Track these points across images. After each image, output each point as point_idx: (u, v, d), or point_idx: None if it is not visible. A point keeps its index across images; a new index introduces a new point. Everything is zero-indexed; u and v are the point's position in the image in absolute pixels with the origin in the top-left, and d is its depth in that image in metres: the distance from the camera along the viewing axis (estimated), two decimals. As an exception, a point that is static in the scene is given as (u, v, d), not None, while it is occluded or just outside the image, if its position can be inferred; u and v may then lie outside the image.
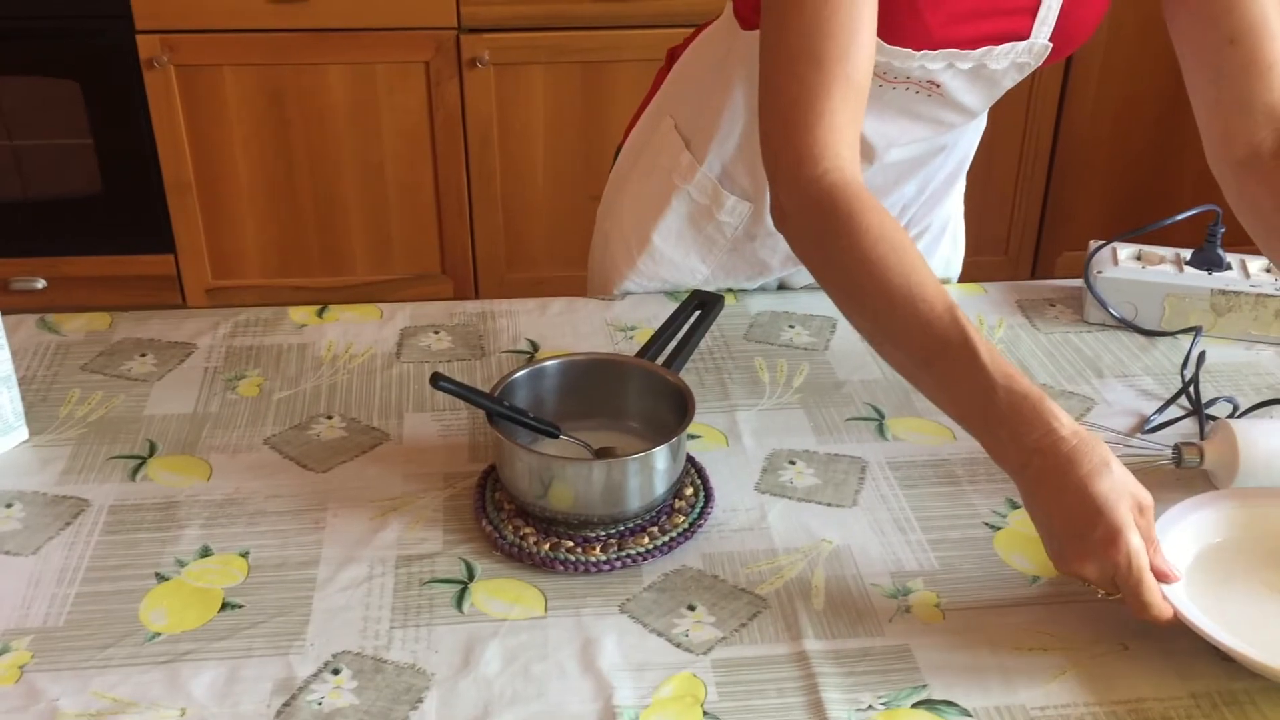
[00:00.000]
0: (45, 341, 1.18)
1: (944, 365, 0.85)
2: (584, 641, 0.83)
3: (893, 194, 1.24)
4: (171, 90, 2.48)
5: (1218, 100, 1.03)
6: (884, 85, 1.08)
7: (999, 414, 0.82)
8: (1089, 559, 0.79)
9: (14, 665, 0.81)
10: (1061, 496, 0.79)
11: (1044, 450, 0.80)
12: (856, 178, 0.92)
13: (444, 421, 1.07)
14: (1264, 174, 1.01)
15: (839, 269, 0.90)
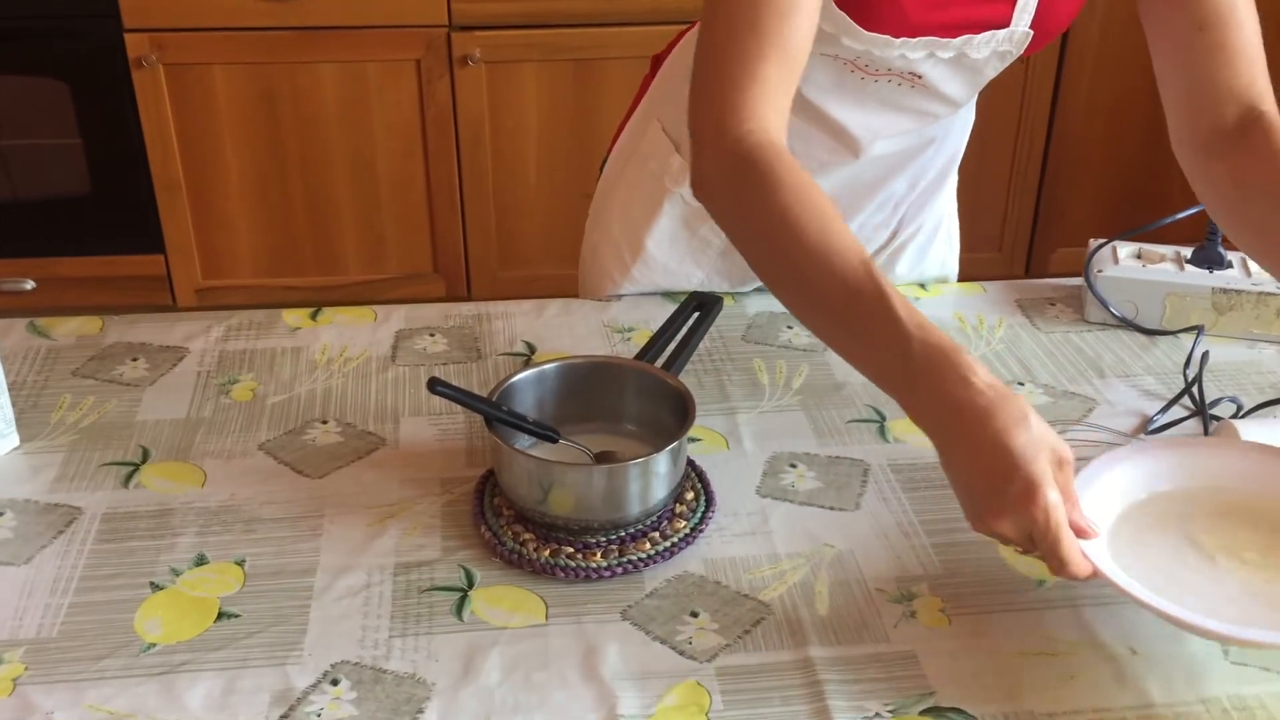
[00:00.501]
0: (35, 346, 1.17)
1: (859, 318, 0.82)
2: (586, 650, 0.82)
3: (883, 190, 1.23)
4: (160, 89, 2.46)
5: (1185, 86, 1.03)
6: (866, 78, 1.08)
7: (915, 367, 0.79)
8: (1006, 515, 0.76)
9: (7, 678, 0.79)
10: (978, 451, 0.77)
11: (960, 404, 0.77)
12: (780, 141, 0.90)
13: (441, 426, 1.06)
14: (1224, 154, 1.01)
15: (756, 228, 0.89)
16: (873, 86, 1.09)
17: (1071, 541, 0.76)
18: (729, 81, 0.90)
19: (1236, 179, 1.00)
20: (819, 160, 1.17)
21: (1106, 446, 1.01)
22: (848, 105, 1.12)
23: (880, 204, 1.24)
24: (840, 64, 1.08)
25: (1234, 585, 0.82)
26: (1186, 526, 0.86)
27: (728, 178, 0.90)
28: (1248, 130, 1.00)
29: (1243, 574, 0.82)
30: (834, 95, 1.11)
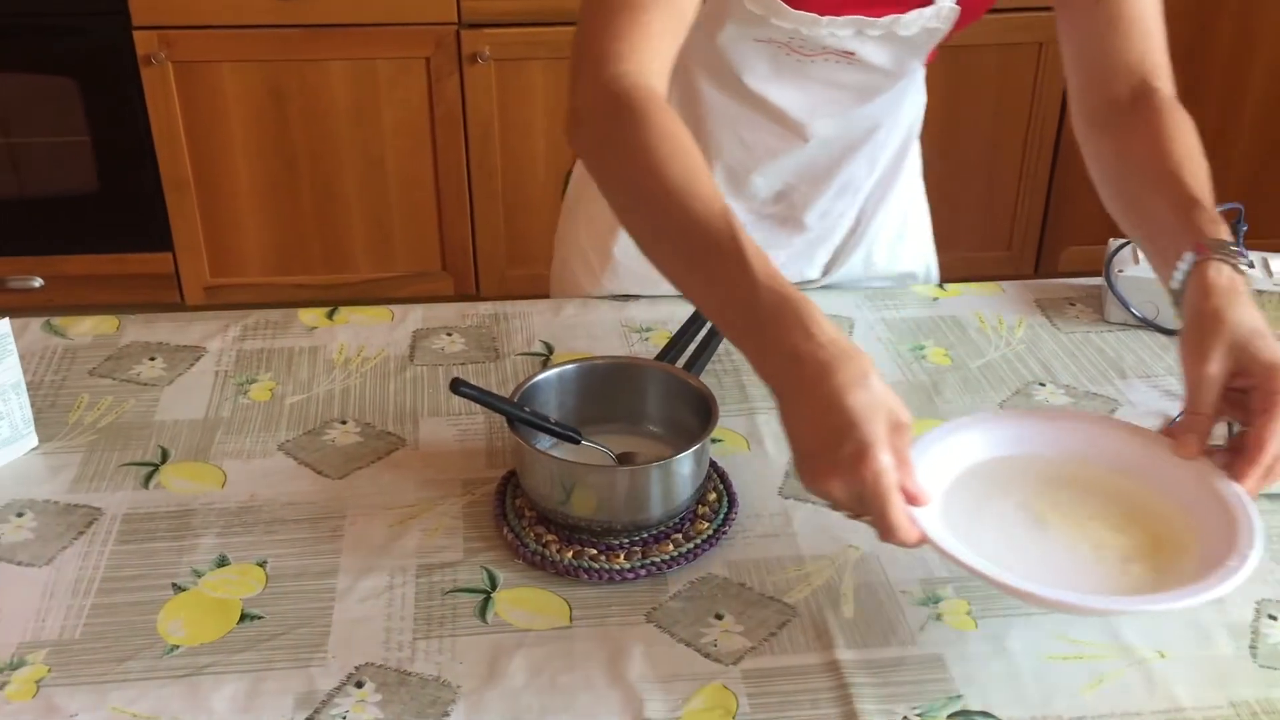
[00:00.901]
0: (52, 345, 1.16)
1: (713, 263, 0.80)
2: (611, 652, 0.82)
3: (840, 174, 1.22)
4: (169, 87, 2.46)
5: (1081, 57, 1.05)
6: (803, 59, 1.08)
7: (761, 315, 0.77)
8: (836, 475, 0.74)
9: (30, 680, 0.79)
10: (815, 407, 0.74)
11: (801, 357, 0.75)
12: (658, 88, 0.89)
13: (460, 426, 1.05)
14: (1112, 127, 1.02)
15: (620, 165, 0.87)
16: (810, 67, 1.09)
17: (900, 507, 0.74)
18: (612, 23, 0.89)
19: (1119, 153, 1.00)
20: (770, 148, 1.18)
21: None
22: (788, 88, 1.12)
23: (840, 189, 1.24)
24: (775, 48, 1.08)
25: (1064, 551, 0.81)
26: (1018, 494, 0.85)
27: (598, 114, 0.88)
28: (1137, 106, 1.01)
29: (1072, 539, 0.82)
30: (774, 81, 1.12)
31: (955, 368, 1.15)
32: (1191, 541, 0.81)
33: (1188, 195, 0.92)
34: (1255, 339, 0.83)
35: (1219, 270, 0.86)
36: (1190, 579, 0.76)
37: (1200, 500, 0.82)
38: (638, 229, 0.87)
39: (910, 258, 1.34)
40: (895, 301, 1.26)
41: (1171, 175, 0.94)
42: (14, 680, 0.79)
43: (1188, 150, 0.96)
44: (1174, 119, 0.99)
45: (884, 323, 1.22)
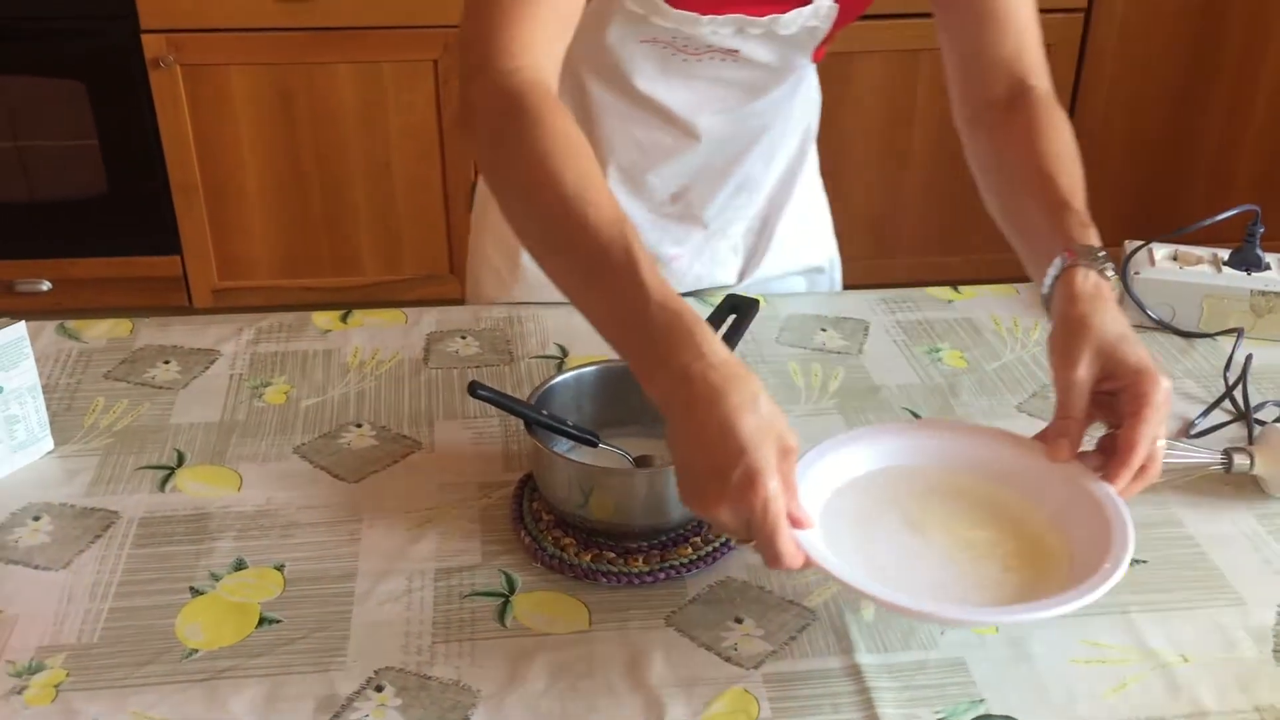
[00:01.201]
0: (66, 348, 1.16)
1: (605, 275, 0.78)
2: (631, 656, 0.82)
3: (736, 172, 1.21)
4: (177, 90, 2.46)
5: (957, 54, 1.05)
6: (689, 59, 1.08)
7: (652, 332, 0.75)
8: (725, 501, 0.72)
9: (49, 684, 0.79)
10: (704, 430, 0.73)
11: (692, 377, 0.73)
12: (550, 85, 0.88)
13: (476, 429, 1.05)
14: (989, 125, 1.02)
15: (512, 165, 0.84)
16: (696, 66, 1.09)
17: (788, 534, 0.73)
18: (502, 15, 0.88)
19: (996, 153, 1.01)
20: (663, 147, 1.17)
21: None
22: (677, 88, 1.12)
23: (738, 187, 1.23)
24: (661, 48, 1.08)
25: (944, 561, 0.81)
26: (900, 504, 0.85)
27: (492, 112, 0.86)
28: (1013, 104, 1.01)
29: (952, 549, 0.81)
30: (662, 81, 1.12)
31: (971, 370, 1.14)
32: (1066, 546, 0.81)
33: (1059, 198, 0.93)
34: (1122, 343, 0.84)
35: (1085, 276, 0.87)
36: (1066, 583, 0.76)
37: (1074, 504, 0.83)
38: (530, 234, 0.85)
39: (815, 251, 1.34)
40: (910, 303, 1.26)
41: (1044, 177, 0.95)
42: (33, 685, 0.79)
43: (1061, 150, 0.97)
44: (1049, 118, 0.99)
45: (899, 325, 1.22)
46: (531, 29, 0.88)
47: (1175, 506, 0.96)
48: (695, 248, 1.26)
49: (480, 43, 0.88)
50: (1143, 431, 0.81)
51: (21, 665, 0.80)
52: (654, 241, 1.23)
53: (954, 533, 0.83)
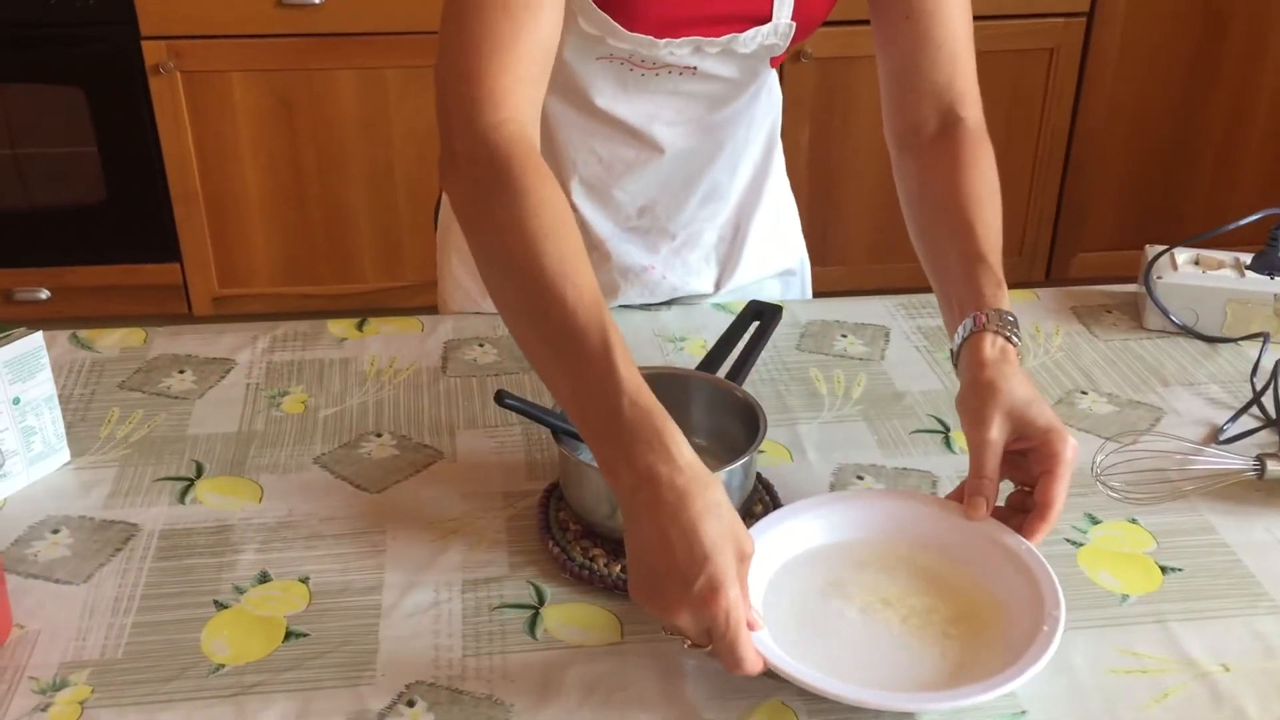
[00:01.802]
0: (79, 358, 1.15)
1: (579, 358, 0.77)
2: (665, 669, 0.80)
3: (703, 182, 1.20)
4: (178, 96, 2.45)
5: (891, 75, 1.05)
6: (647, 74, 1.07)
7: (622, 425, 0.75)
8: (685, 608, 0.73)
9: (74, 701, 0.77)
10: (668, 534, 0.73)
11: (657, 479, 0.73)
12: (534, 139, 0.87)
13: (498, 438, 1.04)
14: (917, 153, 1.03)
15: (494, 230, 0.82)
16: (654, 80, 1.08)
17: (748, 641, 0.74)
18: (482, 63, 0.86)
19: (921, 184, 1.02)
20: (627, 161, 1.16)
21: (1179, 457, 0.99)
22: (637, 102, 1.11)
23: (705, 197, 1.22)
24: (618, 65, 1.07)
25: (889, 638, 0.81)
26: (840, 583, 0.85)
27: (477, 168, 0.84)
28: (941, 135, 1.02)
29: (896, 624, 0.82)
30: (621, 98, 1.10)
31: (995, 376, 1.13)
32: (996, 603, 0.83)
33: (975, 250, 0.94)
34: (1030, 405, 0.86)
35: (993, 342, 0.88)
36: (1007, 642, 0.79)
37: (998, 562, 0.84)
38: (504, 299, 0.83)
39: (786, 254, 1.33)
40: (930, 309, 1.25)
41: (965, 225, 0.95)
42: (57, 701, 0.77)
43: (982, 193, 0.97)
44: (973, 154, 1.00)
45: (920, 331, 1.21)
46: (514, 75, 0.87)
47: (1207, 514, 0.95)
48: (666, 259, 1.24)
49: (462, 89, 0.86)
50: (1058, 488, 0.84)
51: (45, 682, 0.79)
52: (625, 253, 1.22)
53: (894, 605, 0.84)
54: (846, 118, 2.54)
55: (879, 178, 2.64)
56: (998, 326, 0.89)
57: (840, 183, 2.55)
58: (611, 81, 1.09)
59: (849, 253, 2.66)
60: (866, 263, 2.70)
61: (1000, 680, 0.75)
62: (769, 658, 0.77)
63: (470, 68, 0.87)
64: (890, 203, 2.79)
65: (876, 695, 0.75)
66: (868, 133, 2.59)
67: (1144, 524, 0.94)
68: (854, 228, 2.65)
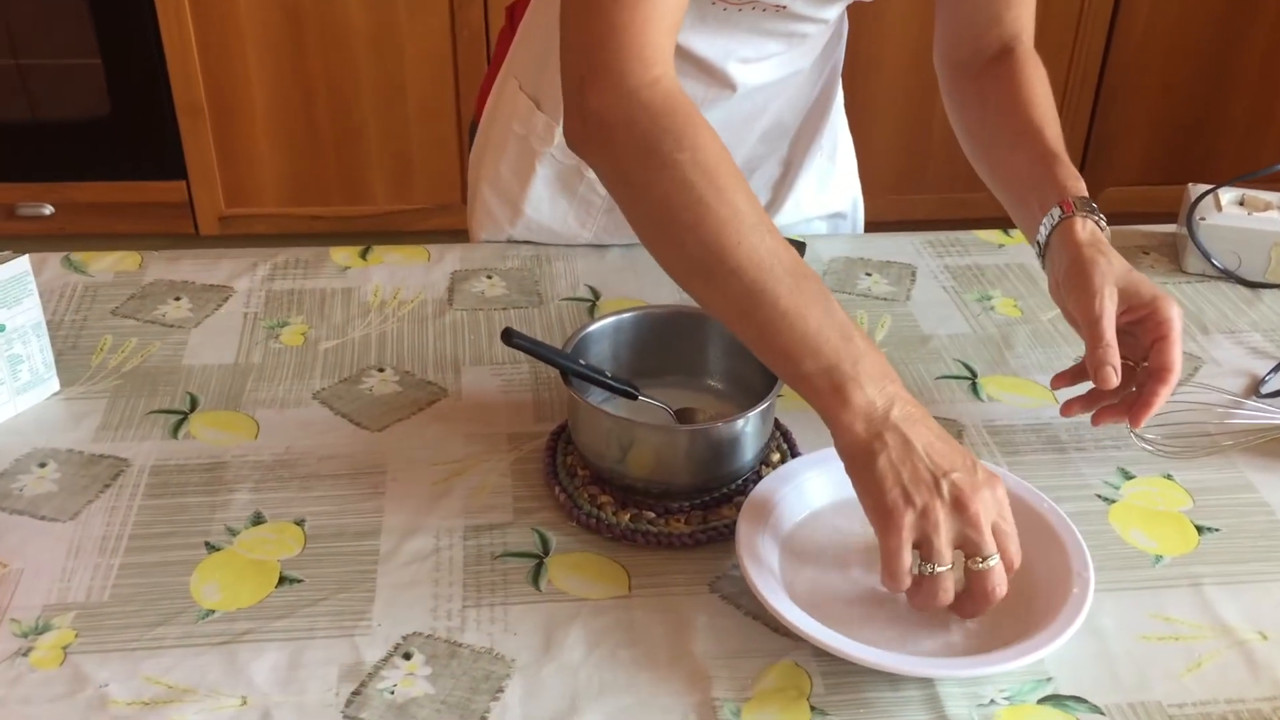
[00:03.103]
0: (71, 282, 1.10)
1: (800, 294, 0.76)
2: (673, 624, 0.77)
3: (764, 119, 1.14)
4: (182, 7, 2.37)
5: (953, 5, 1.05)
6: (730, 8, 1.00)
7: (861, 352, 0.75)
8: (982, 492, 0.73)
9: (57, 646, 0.74)
10: (931, 439, 0.74)
11: (902, 396, 0.76)
12: (684, 90, 0.82)
13: (504, 376, 0.99)
14: (976, 74, 1.03)
15: (679, 183, 0.78)
16: (737, 16, 1.01)
17: None
18: (624, 14, 0.80)
19: (983, 104, 1.02)
20: (696, 98, 1.07)
21: (1219, 410, 0.94)
22: (714, 39, 1.04)
23: (765, 134, 1.16)
24: None
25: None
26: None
27: (640, 128, 0.79)
28: (1002, 57, 1.02)
29: None
30: (699, 32, 1.03)
31: (1026, 320, 1.08)
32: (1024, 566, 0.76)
33: (1049, 149, 0.94)
34: (1133, 276, 0.88)
35: (1084, 225, 0.90)
36: (1031, 606, 0.76)
37: (1022, 523, 0.78)
38: (688, 258, 0.79)
39: (838, 196, 1.26)
40: (958, 247, 1.20)
41: (1034, 128, 0.96)
42: (39, 646, 0.74)
43: (1046, 104, 0.99)
44: (1035, 71, 1.01)
45: (947, 270, 1.16)
46: (658, 25, 0.81)
47: (1246, 470, 0.91)
48: None
49: (606, 49, 0.80)
50: (1175, 351, 0.85)
51: (28, 625, 0.75)
52: None
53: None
54: (871, 46, 2.46)
55: (902, 107, 2.56)
56: (1085, 212, 0.90)
57: (863, 111, 2.47)
58: (690, 13, 1.01)
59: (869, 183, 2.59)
60: (887, 193, 2.63)
61: (1028, 648, 0.72)
62: (787, 615, 0.73)
63: (614, 21, 0.80)
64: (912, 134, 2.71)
65: (897, 659, 0.72)
66: (892, 61, 2.50)
67: (1180, 480, 0.90)
68: (876, 158, 2.57)
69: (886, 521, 0.72)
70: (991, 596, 0.73)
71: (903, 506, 0.72)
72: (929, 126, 2.60)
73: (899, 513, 0.72)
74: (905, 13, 2.46)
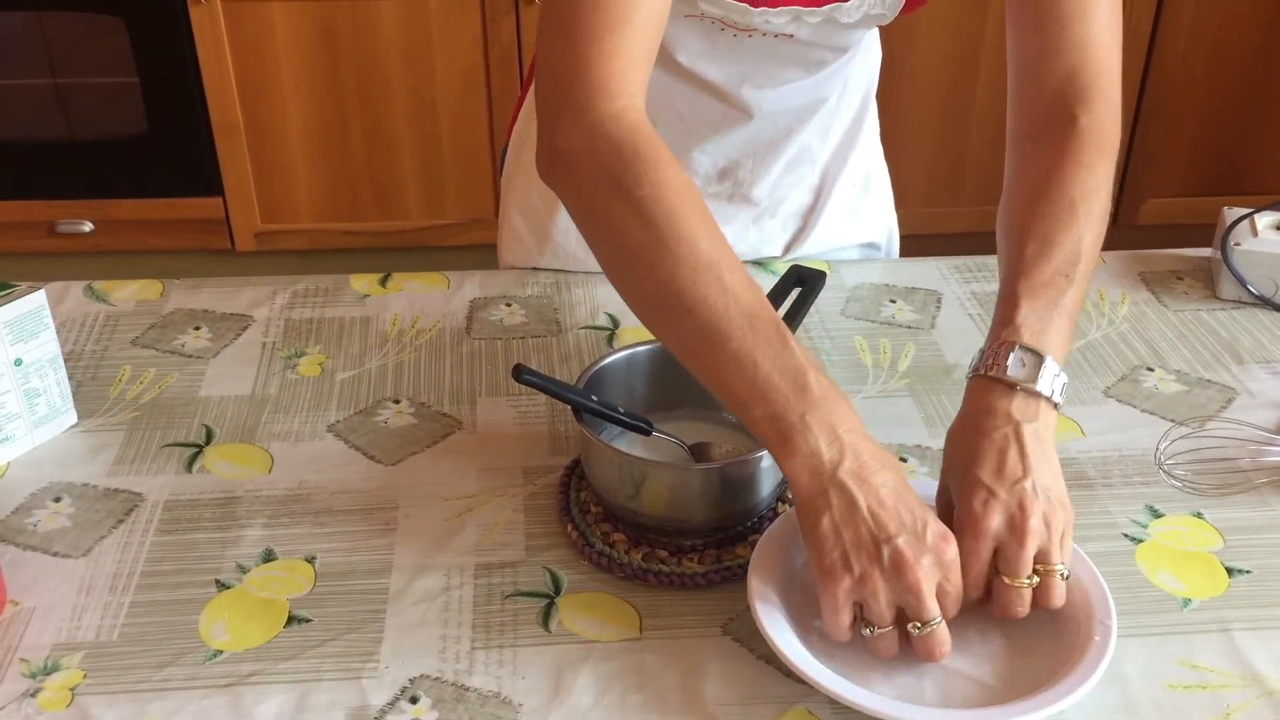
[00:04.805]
0: (93, 312, 1.11)
1: (751, 338, 0.73)
2: (684, 668, 0.75)
3: (789, 146, 1.12)
4: (218, 26, 2.39)
5: (1013, 61, 0.91)
6: (740, 34, 0.98)
7: (813, 401, 0.72)
8: (926, 557, 0.70)
9: (65, 687, 0.74)
10: (881, 495, 0.71)
11: (855, 446, 0.72)
12: (650, 124, 0.80)
13: (520, 408, 0.98)
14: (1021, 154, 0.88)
15: (638, 220, 0.76)
16: (748, 42, 0.99)
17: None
18: (591, 46, 0.79)
19: (1011, 183, 0.88)
20: (712, 125, 1.08)
21: (1252, 446, 0.92)
22: (725, 64, 1.02)
23: (791, 162, 1.14)
24: (708, 24, 0.98)
25: None
26: None
27: (601, 160, 0.78)
28: (1050, 134, 0.86)
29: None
30: (710, 58, 1.02)
31: (1053, 349, 1.06)
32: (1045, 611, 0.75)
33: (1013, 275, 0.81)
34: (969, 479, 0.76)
35: (985, 392, 0.78)
36: (1052, 653, 0.74)
37: None
38: (647, 294, 0.77)
39: (871, 225, 1.23)
40: (985, 272, 1.18)
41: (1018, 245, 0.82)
42: (48, 687, 0.74)
43: (1060, 209, 0.82)
44: (1070, 164, 0.84)
45: (974, 296, 1.14)
46: (627, 55, 0.79)
47: (1279, 509, 0.88)
48: (740, 229, 1.17)
49: (573, 81, 0.79)
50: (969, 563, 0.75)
51: (36, 665, 0.75)
52: None
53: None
54: (903, 58, 2.43)
55: (936, 119, 2.54)
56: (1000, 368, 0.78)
57: (895, 124, 2.45)
58: (699, 39, 1.01)
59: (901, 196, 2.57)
60: (921, 207, 2.60)
61: (1048, 699, 0.70)
62: (799, 664, 0.72)
63: (580, 53, 0.79)
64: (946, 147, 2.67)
65: (911, 710, 0.70)
66: (925, 72, 2.48)
67: (1210, 519, 0.87)
68: (910, 172, 2.55)
69: (825, 582, 0.71)
70: (935, 658, 0.71)
71: (840, 571, 0.70)
72: (963, 138, 2.57)
73: (837, 576, 0.71)
74: (938, 23, 2.44)
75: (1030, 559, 0.73)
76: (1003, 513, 0.72)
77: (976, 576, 0.73)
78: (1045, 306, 0.79)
